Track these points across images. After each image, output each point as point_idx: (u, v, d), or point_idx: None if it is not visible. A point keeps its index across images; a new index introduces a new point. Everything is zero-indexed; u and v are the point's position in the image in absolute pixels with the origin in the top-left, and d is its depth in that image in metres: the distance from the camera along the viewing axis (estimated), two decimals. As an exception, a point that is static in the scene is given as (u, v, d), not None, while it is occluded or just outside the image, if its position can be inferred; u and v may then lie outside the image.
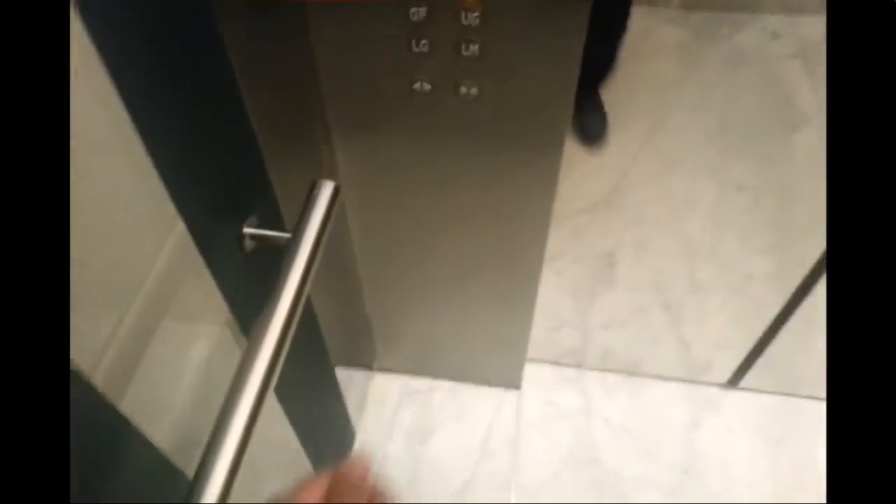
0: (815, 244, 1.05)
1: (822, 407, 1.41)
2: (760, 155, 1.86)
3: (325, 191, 0.66)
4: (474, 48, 0.75)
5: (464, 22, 0.72)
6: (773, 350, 1.40)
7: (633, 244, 1.72)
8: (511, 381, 1.47)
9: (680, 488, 1.36)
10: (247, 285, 0.64)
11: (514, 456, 1.39)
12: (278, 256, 0.55)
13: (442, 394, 1.48)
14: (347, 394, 1.51)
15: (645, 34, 2.11)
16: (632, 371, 1.51)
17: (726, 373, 1.49)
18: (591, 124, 1.91)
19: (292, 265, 0.59)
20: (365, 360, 1.51)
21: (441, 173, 0.94)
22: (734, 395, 1.49)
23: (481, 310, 1.25)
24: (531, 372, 1.48)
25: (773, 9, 2.17)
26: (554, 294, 1.59)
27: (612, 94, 1.96)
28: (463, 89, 0.80)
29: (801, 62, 2.06)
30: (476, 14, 0.71)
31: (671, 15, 2.19)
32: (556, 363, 1.53)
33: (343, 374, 1.50)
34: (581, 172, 1.86)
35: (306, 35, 0.78)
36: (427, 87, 0.81)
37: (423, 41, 0.75)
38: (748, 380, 1.48)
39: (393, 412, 1.47)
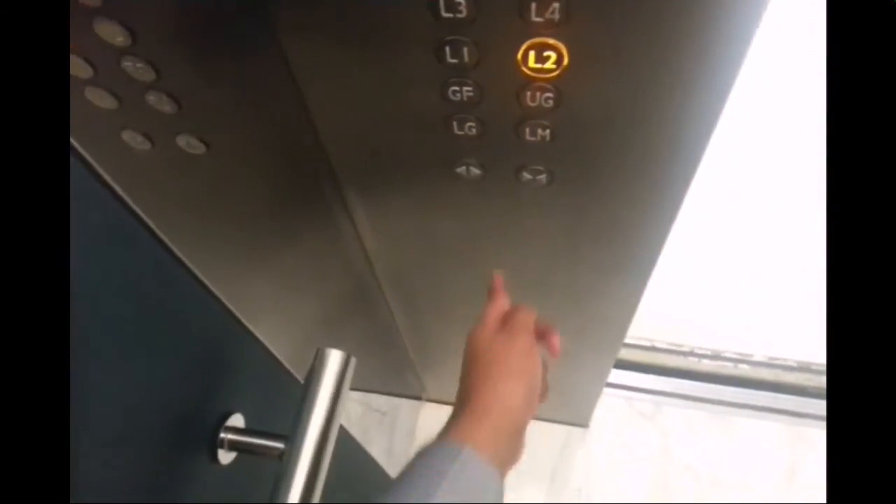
0: None
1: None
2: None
3: (332, 364, 0.46)
4: (544, 133, 0.51)
5: (529, 104, 0.48)
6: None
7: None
8: (579, 418, 1.29)
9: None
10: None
11: (582, 507, 1.23)
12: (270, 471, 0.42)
13: (499, 431, 1.32)
14: (395, 423, 1.37)
15: None
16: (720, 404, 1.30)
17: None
18: None
19: (289, 491, 0.42)
20: (412, 391, 1.35)
21: (501, 257, 0.73)
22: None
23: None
24: (599, 404, 1.29)
25: None
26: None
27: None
28: (526, 175, 0.57)
29: None
30: (548, 95, 0.47)
31: None
32: (628, 394, 1.33)
33: (390, 403, 1.36)
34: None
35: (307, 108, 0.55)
36: (475, 171, 0.58)
37: (470, 124, 0.52)
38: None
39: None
